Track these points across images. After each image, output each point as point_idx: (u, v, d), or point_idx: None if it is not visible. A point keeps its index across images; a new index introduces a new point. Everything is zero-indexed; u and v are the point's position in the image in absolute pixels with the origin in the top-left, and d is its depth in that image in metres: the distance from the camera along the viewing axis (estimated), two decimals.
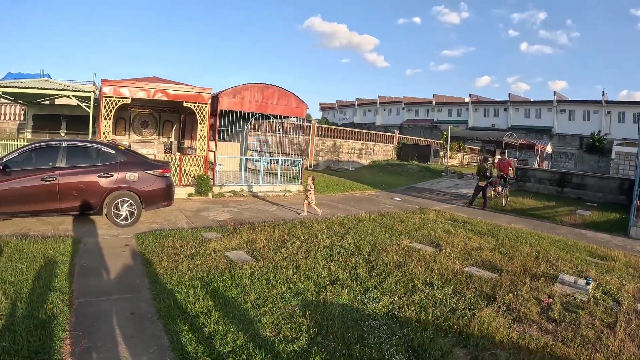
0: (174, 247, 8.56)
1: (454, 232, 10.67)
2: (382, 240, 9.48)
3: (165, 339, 5.20)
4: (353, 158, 32.63)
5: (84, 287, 6.67)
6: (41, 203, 9.94)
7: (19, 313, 5.49)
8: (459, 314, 5.88)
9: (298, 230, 10.20)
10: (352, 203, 15.65)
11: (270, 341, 4.93)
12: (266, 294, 6.28)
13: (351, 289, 6.53)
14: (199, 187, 15.59)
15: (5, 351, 4.55)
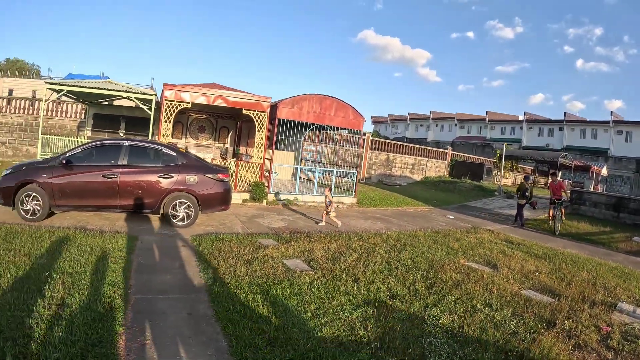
0: (231, 251, 8.63)
1: (510, 254, 10.40)
2: (439, 257, 9.31)
3: (223, 342, 5.21)
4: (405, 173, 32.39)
5: (140, 283, 6.79)
6: (101, 199, 10.25)
7: (77, 304, 5.61)
8: (519, 337, 5.70)
9: (354, 242, 10.12)
10: (406, 218, 15.49)
11: (332, 352, 4.89)
12: (326, 305, 6.23)
13: (411, 305, 6.42)
14: (254, 194, 15.74)
15: (62, 341, 4.67)
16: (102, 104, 22.31)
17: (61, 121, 26.06)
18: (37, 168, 10.19)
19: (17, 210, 9.89)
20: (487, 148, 65.25)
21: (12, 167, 10.48)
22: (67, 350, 4.47)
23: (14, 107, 25.91)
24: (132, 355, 4.72)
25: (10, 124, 25.36)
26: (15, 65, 70.12)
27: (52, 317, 5.19)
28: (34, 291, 5.83)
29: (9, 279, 6.15)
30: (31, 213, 9.89)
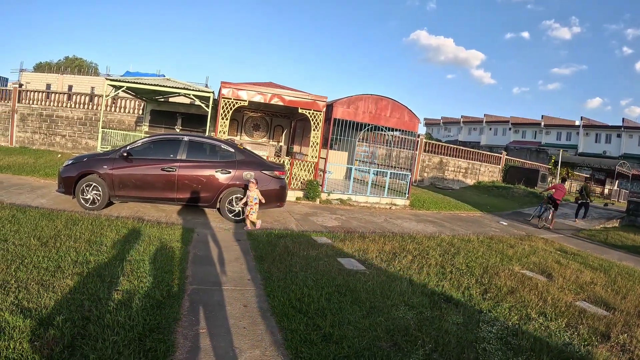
0: (286, 247, 8.74)
1: (565, 264, 10.13)
2: (493, 264, 9.17)
3: (278, 336, 5.29)
4: (458, 177, 31.94)
5: (197, 274, 6.99)
6: (159, 191, 10.58)
7: (135, 291, 5.81)
8: (573, 348, 5.54)
9: (409, 244, 10.07)
10: (459, 223, 15.29)
11: (386, 352, 4.92)
12: (380, 304, 6.24)
13: (465, 310, 6.37)
14: (308, 192, 15.84)
15: (120, 325, 4.85)
16: (159, 100, 22.98)
17: (119, 116, 26.96)
18: (97, 160, 10.61)
19: (77, 199, 10.33)
20: (542, 154, 63.37)
21: (73, 158, 10.96)
22: (125, 334, 4.64)
23: (74, 102, 27.01)
24: (188, 342, 4.86)
25: (70, 118, 26.38)
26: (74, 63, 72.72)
27: (111, 301, 5.40)
28: (94, 276, 6.08)
29: (70, 264, 6.43)
30: (91, 202, 10.31)
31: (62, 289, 5.57)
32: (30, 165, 16.46)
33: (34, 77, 56.48)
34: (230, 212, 11.05)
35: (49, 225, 8.26)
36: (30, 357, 4.01)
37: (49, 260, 6.48)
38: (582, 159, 49.32)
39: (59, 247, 7.13)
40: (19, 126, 25.99)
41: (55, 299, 5.26)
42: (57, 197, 11.27)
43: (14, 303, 5.00)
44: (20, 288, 5.41)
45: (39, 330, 4.48)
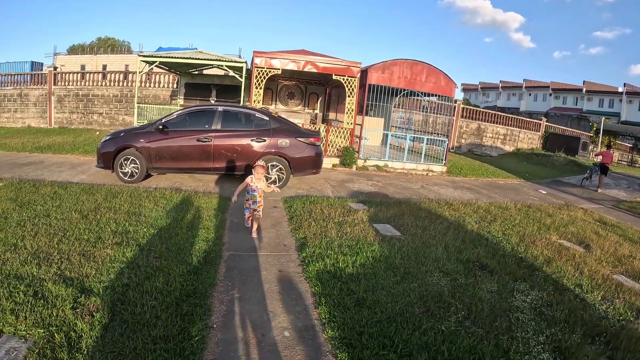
0: (322, 213, 8.80)
1: (604, 235, 9.87)
2: (530, 232, 9.02)
3: (312, 300, 5.38)
4: (496, 144, 31.33)
5: (233, 241, 7.14)
6: (195, 161, 10.73)
7: (173, 258, 5.98)
8: (608, 322, 5.43)
9: (444, 211, 10.03)
10: (496, 190, 15.07)
11: (419, 317, 4.95)
12: (415, 270, 6.26)
13: (500, 278, 6.32)
14: (344, 159, 15.83)
15: (158, 291, 5.00)
16: (192, 73, 23.07)
17: (154, 91, 27.27)
18: (134, 134, 10.82)
19: (116, 173, 10.58)
20: (583, 121, 61.27)
21: (111, 134, 11.22)
22: (163, 299, 4.83)
23: (109, 81, 27.46)
24: (224, 307, 5.01)
25: (106, 96, 26.85)
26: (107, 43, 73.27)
27: (149, 268, 5.59)
28: (133, 245, 6.29)
29: (109, 234, 6.66)
30: (129, 175, 10.56)
31: (102, 258, 5.79)
32: (70, 144, 16.87)
33: (68, 60, 57.26)
34: (267, 180, 11.09)
35: (89, 199, 8.53)
36: (72, 322, 4.21)
37: (90, 232, 6.72)
38: (625, 127, 47.54)
39: (99, 219, 7.37)
40: (56, 108, 26.60)
41: (96, 268, 5.48)
42: (96, 173, 11.55)
43: (57, 273, 5.23)
44: (63, 259, 5.65)
45: (80, 298, 4.68)
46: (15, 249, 5.79)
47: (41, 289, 4.77)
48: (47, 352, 3.75)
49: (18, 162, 12.51)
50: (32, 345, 3.79)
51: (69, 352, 3.78)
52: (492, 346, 4.51)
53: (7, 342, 3.80)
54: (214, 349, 4.19)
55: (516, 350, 4.53)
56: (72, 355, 3.75)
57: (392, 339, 4.46)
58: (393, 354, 4.22)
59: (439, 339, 4.52)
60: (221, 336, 4.43)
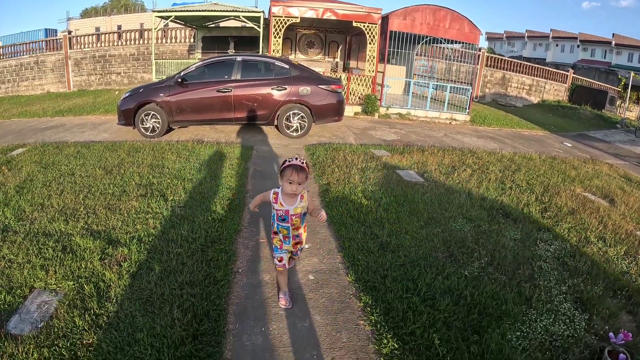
0: (345, 159, 8.82)
1: (629, 191, 9.71)
2: (555, 183, 8.94)
3: (335, 243, 5.47)
4: (521, 94, 30.73)
5: (257, 188, 7.16)
6: (216, 112, 10.77)
7: (197, 206, 6.09)
8: (630, 277, 5.41)
9: (468, 159, 9.98)
10: (520, 141, 14.89)
11: (442, 262, 5.01)
12: (438, 216, 6.29)
13: (523, 226, 6.32)
14: (366, 107, 15.73)
15: (183, 238, 5.11)
16: (209, 26, 22.81)
17: (171, 47, 26.97)
18: (154, 89, 10.84)
19: (137, 129, 10.65)
20: (611, 75, 59.32)
21: (130, 91, 11.24)
22: (188, 246, 4.94)
23: (125, 40, 27.16)
24: (249, 252, 5.13)
25: (123, 55, 26.62)
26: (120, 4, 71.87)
27: (174, 217, 5.71)
28: (157, 196, 6.42)
29: (134, 187, 6.76)
30: (151, 130, 10.62)
31: (128, 210, 5.92)
32: (90, 105, 16.92)
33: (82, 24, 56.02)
34: (288, 128, 11.18)
35: (112, 156, 8.62)
36: (101, 273, 4.35)
37: (114, 186, 6.83)
38: None
39: (123, 173, 7.48)
40: (74, 71, 26.47)
41: (122, 220, 5.61)
42: (118, 130, 11.61)
43: (84, 228, 5.36)
44: (89, 214, 5.77)
45: (108, 249, 4.82)
46: (42, 208, 5.91)
47: (69, 243, 4.89)
48: (77, 302, 3.88)
49: (40, 127, 12.64)
50: (62, 298, 3.93)
51: (98, 301, 3.92)
52: (515, 293, 4.56)
53: (38, 296, 3.94)
54: (239, 293, 4.32)
55: (538, 298, 4.58)
56: (101, 304, 3.89)
57: (416, 282, 4.54)
58: (416, 297, 4.29)
59: (462, 284, 4.59)
60: (246, 280, 4.56)
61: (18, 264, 4.43)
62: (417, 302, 4.23)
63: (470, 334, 3.92)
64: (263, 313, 4.09)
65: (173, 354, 3.32)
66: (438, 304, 4.22)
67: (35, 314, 3.69)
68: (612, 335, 4.05)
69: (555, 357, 3.85)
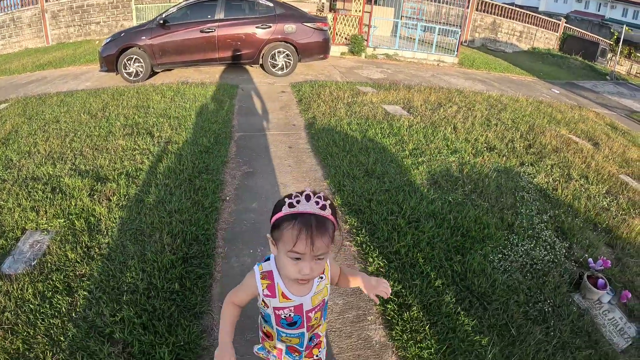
0: (331, 95, 8.92)
1: (614, 137, 9.93)
2: (540, 124, 9.10)
3: (321, 172, 5.66)
4: (512, 40, 30.64)
5: (243, 123, 7.36)
6: (200, 53, 10.71)
7: (184, 141, 6.22)
8: (610, 214, 5.66)
9: (455, 97, 10.09)
10: (508, 84, 14.99)
11: (427, 188, 5.20)
12: (424, 147, 6.48)
13: (507, 160, 6.53)
14: (352, 47, 15.67)
15: (171, 170, 5.24)
16: None
17: None
18: (135, 32, 10.67)
19: (120, 75, 10.49)
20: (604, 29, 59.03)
21: (111, 36, 11.06)
22: (176, 177, 5.12)
23: None
24: (236, 181, 5.33)
25: (101, 4, 25.57)
26: None
27: (161, 152, 5.85)
28: (144, 134, 6.51)
29: (120, 128, 6.82)
30: (134, 75, 10.48)
31: (114, 149, 6.01)
32: (70, 57, 16.51)
33: None
34: (274, 67, 11.16)
35: (96, 101, 8.56)
36: (90, 208, 4.47)
37: (100, 128, 6.87)
38: None
39: (108, 116, 7.50)
40: (51, 24, 25.44)
41: (110, 158, 5.70)
42: (101, 78, 11.42)
43: (72, 169, 5.43)
44: (76, 156, 5.83)
45: (96, 186, 4.94)
46: (29, 155, 5.94)
47: (58, 184, 4.98)
48: (69, 238, 4.02)
49: (21, 82, 12.33)
50: (54, 235, 4.05)
51: (89, 235, 4.07)
52: (497, 219, 4.79)
53: (30, 237, 4.06)
54: (227, 219, 4.53)
55: (520, 225, 4.81)
56: (92, 237, 4.03)
57: (400, 206, 4.74)
58: (401, 219, 4.50)
59: (446, 208, 4.80)
60: (234, 207, 4.76)
61: (8, 208, 4.52)
62: (402, 223, 4.43)
63: (453, 254, 4.15)
64: (251, 237, 4.28)
65: (164, 277, 3.51)
66: (422, 226, 4.43)
67: (28, 254, 3.82)
68: (592, 261, 4.32)
69: (536, 279, 4.10)
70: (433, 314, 3.47)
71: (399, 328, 3.31)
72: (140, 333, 2.98)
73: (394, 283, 3.70)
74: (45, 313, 3.13)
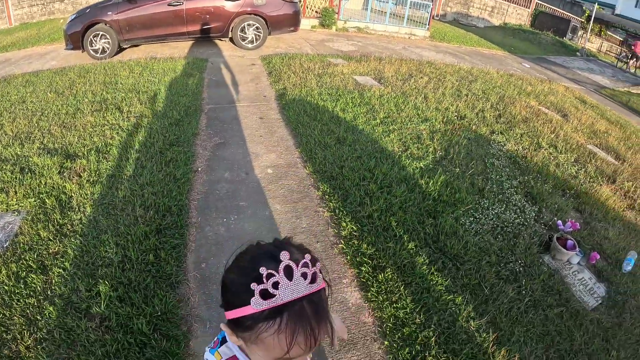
0: (302, 66, 8.89)
1: (582, 110, 10.15)
2: (510, 95, 9.26)
3: (292, 141, 5.68)
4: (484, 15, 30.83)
5: (213, 96, 7.29)
6: (168, 27, 10.44)
7: (153, 115, 6.16)
8: (578, 181, 5.85)
9: (425, 68, 10.16)
10: (479, 58, 15.13)
11: (398, 155, 5.27)
12: (395, 115, 6.55)
13: (478, 128, 6.64)
14: (323, 20, 15.59)
15: (141, 144, 5.21)
16: None
17: None
18: (101, 7, 10.29)
19: (87, 52, 10.19)
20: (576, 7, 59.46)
21: (76, 12, 10.71)
22: (146, 150, 5.08)
23: None
24: (207, 152, 5.33)
25: None
26: None
27: (131, 126, 5.77)
28: (113, 110, 6.39)
29: (88, 104, 6.66)
30: (101, 51, 10.17)
31: (83, 125, 5.88)
32: (34, 37, 16.01)
33: None
34: (244, 40, 11.01)
35: (62, 79, 8.31)
36: (61, 186, 4.40)
37: (68, 106, 6.69)
38: (618, 19, 46.72)
39: (75, 93, 7.31)
40: (14, 5, 24.55)
41: (78, 135, 5.59)
42: (67, 57, 11.09)
43: (40, 148, 5.29)
44: (44, 134, 5.67)
45: (66, 163, 4.84)
46: None
47: (27, 164, 4.86)
48: (41, 217, 3.95)
49: None
50: (25, 215, 3.98)
51: (61, 212, 4.01)
52: (468, 184, 4.90)
53: (1, 218, 3.97)
54: (200, 189, 4.54)
55: (490, 189, 4.93)
56: (64, 214, 3.98)
57: (372, 172, 4.80)
58: (373, 184, 4.56)
59: (417, 174, 4.88)
60: (206, 177, 4.77)
61: None
62: (374, 189, 4.50)
63: (425, 217, 4.24)
64: (224, 206, 4.31)
65: (138, 249, 3.52)
66: (394, 191, 4.50)
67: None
68: (561, 223, 4.46)
69: (507, 240, 4.22)
70: (407, 275, 3.56)
71: (374, 289, 3.40)
72: (117, 306, 3.00)
73: (367, 246, 3.78)
74: (21, 293, 3.11)
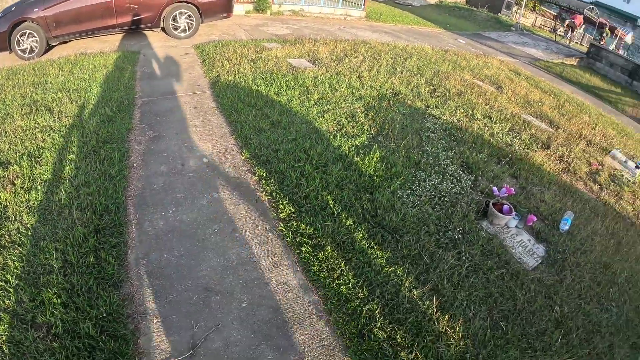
0: (235, 52, 8.80)
1: (517, 82, 10.48)
2: (445, 70, 9.47)
3: (227, 128, 5.66)
4: None
5: (146, 89, 7.16)
6: (97, 21, 10.11)
7: (85, 113, 6.00)
8: (513, 148, 6.09)
9: (360, 47, 10.25)
10: (415, 36, 15.35)
11: (332, 134, 5.32)
12: (329, 95, 6.59)
13: (413, 103, 6.77)
14: (257, 4, 15.48)
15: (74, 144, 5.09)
16: None
17: None
18: (27, 4, 9.92)
19: (14, 53, 9.82)
20: None
21: (2, 11, 10.25)
22: (79, 150, 4.96)
23: None
24: (142, 147, 5.24)
25: None
26: None
27: (62, 127, 5.59)
28: (43, 111, 6.15)
29: (17, 108, 6.36)
30: (29, 51, 9.79)
31: (14, 131, 5.62)
32: None
33: None
34: (176, 29, 10.79)
35: None
36: None
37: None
38: None
39: (3, 97, 6.99)
40: None
41: (9, 141, 5.35)
42: None
43: None
44: None
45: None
46: None
47: None
48: None
49: None
50: None
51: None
52: (404, 158, 5.00)
53: None
54: (136, 185, 4.49)
55: (426, 162, 5.06)
56: (1, 224, 3.85)
57: (307, 153, 4.85)
58: (308, 165, 4.61)
59: (353, 151, 4.95)
60: (142, 172, 4.71)
61: None
62: (310, 169, 4.54)
63: (362, 193, 4.32)
64: (161, 199, 4.28)
65: (78, 252, 3.46)
66: (330, 170, 4.56)
67: None
68: (496, 189, 4.61)
69: (445, 210, 4.34)
70: (347, 251, 3.63)
71: (316, 268, 3.46)
72: (62, 312, 2.96)
73: (306, 226, 3.83)
74: None
